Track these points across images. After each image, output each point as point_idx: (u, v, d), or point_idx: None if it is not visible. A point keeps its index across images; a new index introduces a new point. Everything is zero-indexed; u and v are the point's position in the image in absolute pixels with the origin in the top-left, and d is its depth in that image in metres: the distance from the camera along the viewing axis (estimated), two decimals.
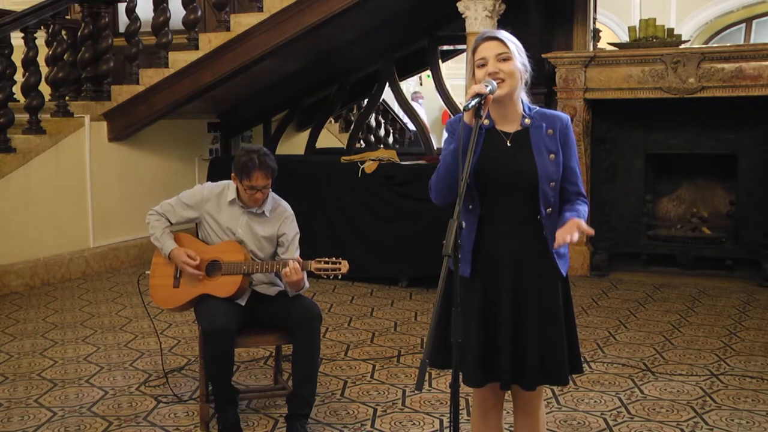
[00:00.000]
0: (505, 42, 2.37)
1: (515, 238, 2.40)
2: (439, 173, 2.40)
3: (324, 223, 6.37)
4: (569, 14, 6.79)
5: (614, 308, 5.44)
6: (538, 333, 2.39)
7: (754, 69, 5.75)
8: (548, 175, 2.37)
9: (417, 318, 5.25)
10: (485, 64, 2.36)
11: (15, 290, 5.91)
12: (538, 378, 2.42)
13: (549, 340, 2.40)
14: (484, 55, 2.37)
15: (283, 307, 3.46)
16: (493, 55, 2.36)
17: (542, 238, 2.40)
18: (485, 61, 2.36)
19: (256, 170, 3.36)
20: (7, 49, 6.16)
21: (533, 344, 2.39)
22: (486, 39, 2.39)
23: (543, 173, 2.37)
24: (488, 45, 2.38)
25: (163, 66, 6.75)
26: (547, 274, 2.42)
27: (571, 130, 2.47)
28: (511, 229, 2.41)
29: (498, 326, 2.39)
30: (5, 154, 5.92)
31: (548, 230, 2.39)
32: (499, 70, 2.34)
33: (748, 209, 6.27)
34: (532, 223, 2.40)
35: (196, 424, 3.48)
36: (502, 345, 2.38)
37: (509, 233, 2.40)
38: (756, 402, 3.71)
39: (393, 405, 3.71)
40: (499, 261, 2.40)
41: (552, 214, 2.41)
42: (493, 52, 2.36)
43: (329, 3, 5.89)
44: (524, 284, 2.40)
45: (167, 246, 3.47)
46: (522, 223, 2.41)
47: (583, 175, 6.12)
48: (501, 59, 2.35)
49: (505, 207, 2.40)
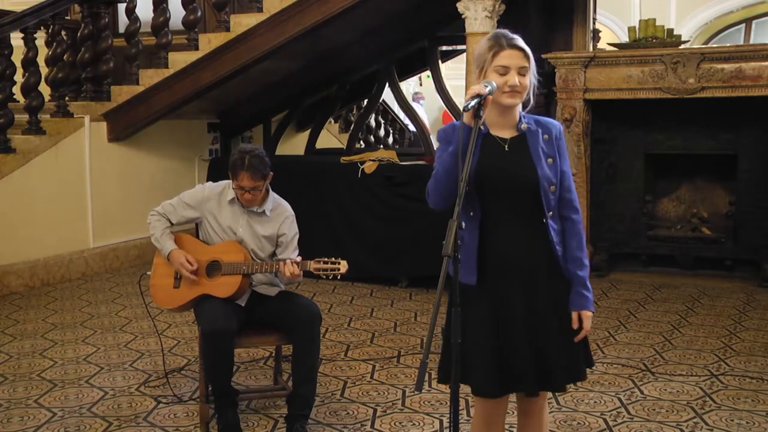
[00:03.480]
0: (529, 56, 2.38)
1: (520, 243, 2.40)
2: (437, 177, 2.38)
3: (324, 224, 6.37)
4: (569, 15, 6.79)
5: (614, 308, 5.44)
6: (557, 334, 2.41)
7: (753, 69, 5.75)
8: (548, 179, 2.39)
9: (417, 318, 5.25)
10: (506, 74, 2.34)
11: (15, 291, 5.91)
12: (566, 377, 2.45)
13: (569, 339, 2.44)
14: (507, 64, 2.34)
15: (283, 307, 3.46)
16: (517, 66, 2.34)
17: (548, 242, 2.41)
18: (507, 70, 2.34)
19: (243, 171, 3.36)
20: (7, 50, 6.16)
21: (555, 345, 2.40)
22: (512, 47, 2.36)
23: (544, 177, 2.38)
24: (513, 54, 2.35)
25: (163, 66, 6.75)
26: (555, 277, 2.44)
27: (563, 137, 2.51)
28: (515, 235, 2.41)
29: (513, 333, 2.38)
30: (5, 154, 5.92)
31: (553, 233, 2.41)
32: (520, 84, 2.35)
33: (748, 209, 6.27)
34: (536, 227, 2.41)
35: (196, 425, 3.48)
36: (522, 351, 2.37)
37: (514, 238, 2.40)
38: (756, 402, 3.71)
39: (393, 405, 3.71)
40: (507, 267, 2.40)
41: (554, 217, 2.42)
42: (517, 63, 2.35)
43: (329, 3, 5.89)
44: (536, 289, 2.41)
45: (167, 247, 3.47)
46: (525, 228, 2.41)
47: (583, 175, 6.24)
48: (521, 73, 2.35)
49: (507, 212, 2.40)
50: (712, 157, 6.44)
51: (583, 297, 2.45)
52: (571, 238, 2.46)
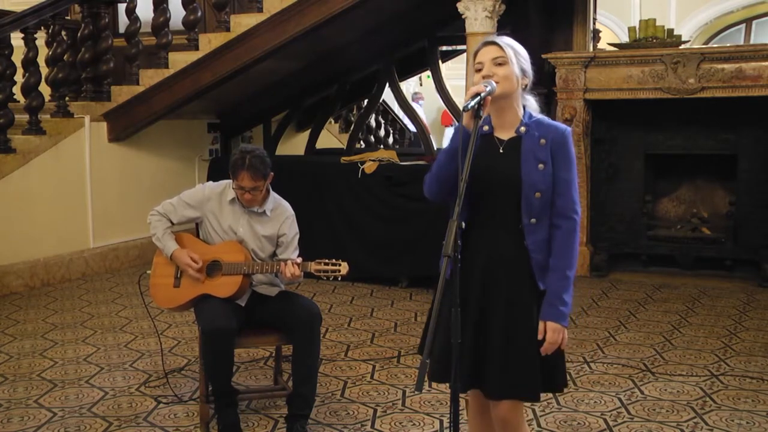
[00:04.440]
0: (502, 46, 2.37)
1: (492, 245, 2.38)
2: (431, 170, 2.41)
3: (324, 224, 6.37)
4: (569, 15, 6.79)
5: (614, 309, 5.44)
6: (501, 344, 2.34)
7: (754, 69, 5.75)
8: (533, 184, 2.34)
9: (417, 318, 5.25)
10: (482, 69, 2.37)
11: (15, 291, 5.91)
12: (501, 389, 2.37)
13: (515, 353, 2.35)
14: (480, 60, 2.39)
15: (283, 307, 3.46)
16: (489, 59, 2.37)
17: (522, 248, 2.37)
18: (482, 65, 2.37)
19: (243, 171, 3.35)
20: (7, 50, 6.16)
21: (496, 353, 2.35)
22: (485, 44, 2.41)
23: (528, 182, 2.34)
24: (486, 50, 2.40)
25: (163, 66, 6.75)
26: (522, 286, 2.38)
27: (569, 141, 2.41)
28: (491, 236, 2.39)
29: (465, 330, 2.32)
30: (5, 154, 5.92)
31: (530, 241, 2.36)
32: (494, 74, 2.34)
33: (748, 209, 6.27)
34: (514, 232, 2.37)
35: (196, 425, 3.48)
36: (465, 348, 2.33)
37: (489, 239, 2.39)
38: (756, 402, 3.71)
39: (393, 405, 3.71)
40: (472, 266, 2.37)
41: (537, 224, 2.36)
42: (489, 56, 2.37)
43: (329, 3, 5.89)
44: (492, 292, 2.37)
45: (169, 247, 3.47)
46: (502, 232, 2.38)
47: (583, 175, 6.23)
48: (496, 63, 2.36)
49: (487, 213, 2.39)
50: (712, 157, 6.44)
51: (553, 308, 2.34)
52: (555, 246, 2.37)
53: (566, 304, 2.36)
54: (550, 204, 2.37)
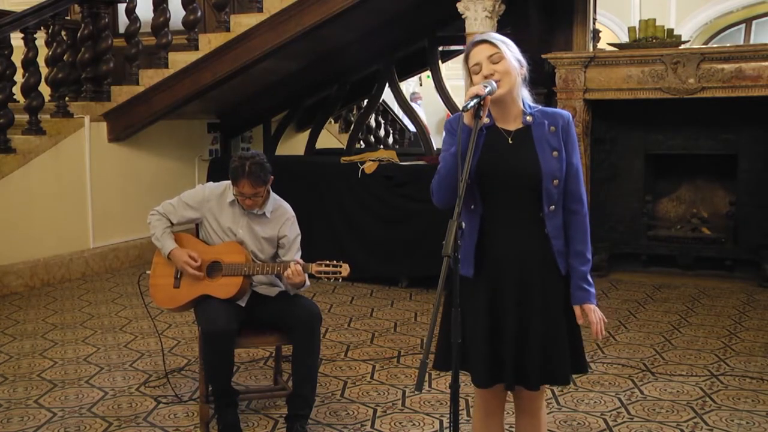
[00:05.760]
0: (494, 42, 2.37)
1: (518, 236, 2.39)
2: (440, 175, 2.38)
3: (324, 224, 6.37)
4: (569, 15, 6.78)
5: (614, 308, 5.43)
6: (542, 332, 2.39)
7: (753, 69, 5.75)
8: (552, 173, 2.36)
9: (417, 318, 5.25)
10: (480, 70, 2.36)
11: (15, 291, 5.91)
12: (541, 378, 2.41)
13: (552, 340, 2.40)
14: (476, 61, 2.37)
15: (283, 307, 3.46)
16: (485, 57, 2.35)
17: (544, 236, 2.39)
18: (479, 66, 2.36)
19: (243, 178, 3.35)
20: (7, 50, 6.16)
21: (537, 344, 2.38)
22: (475, 44, 2.40)
23: (547, 171, 2.35)
24: (479, 49, 2.38)
25: (163, 66, 6.75)
26: (550, 273, 2.41)
27: (572, 126, 2.45)
28: (514, 228, 2.40)
29: (504, 326, 2.38)
30: (5, 154, 5.92)
31: (550, 228, 2.38)
32: (494, 71, 2.33)
33: (748, 209, 6.27)
34: (534, 220, 2.39)
35: (196, 425, 3.48)
36: (507, 345, 2.37)
37: (512, 232, 2.39)
38: (756, 402, 3.71)
39: (393, 405, 3.71)
40: (503, 260, 2.39)
41: (555, 211, 2.39)
42: (484, 55, 2.36)
43: (329, 3, 5.89)
44: (528, 283, 2.39)
45: (167, 246, 3.47)
46: (525, 222, 2.40)
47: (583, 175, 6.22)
48: (493, 60, 2.35)
49: (507, 206, 2.39)
50: (712, 157, 6.44)
51: (584, 291, 2.42)
52: (575, 232, 2.43)
53: (592, 284, 2.46)
54: (563, 190, 2.40)
